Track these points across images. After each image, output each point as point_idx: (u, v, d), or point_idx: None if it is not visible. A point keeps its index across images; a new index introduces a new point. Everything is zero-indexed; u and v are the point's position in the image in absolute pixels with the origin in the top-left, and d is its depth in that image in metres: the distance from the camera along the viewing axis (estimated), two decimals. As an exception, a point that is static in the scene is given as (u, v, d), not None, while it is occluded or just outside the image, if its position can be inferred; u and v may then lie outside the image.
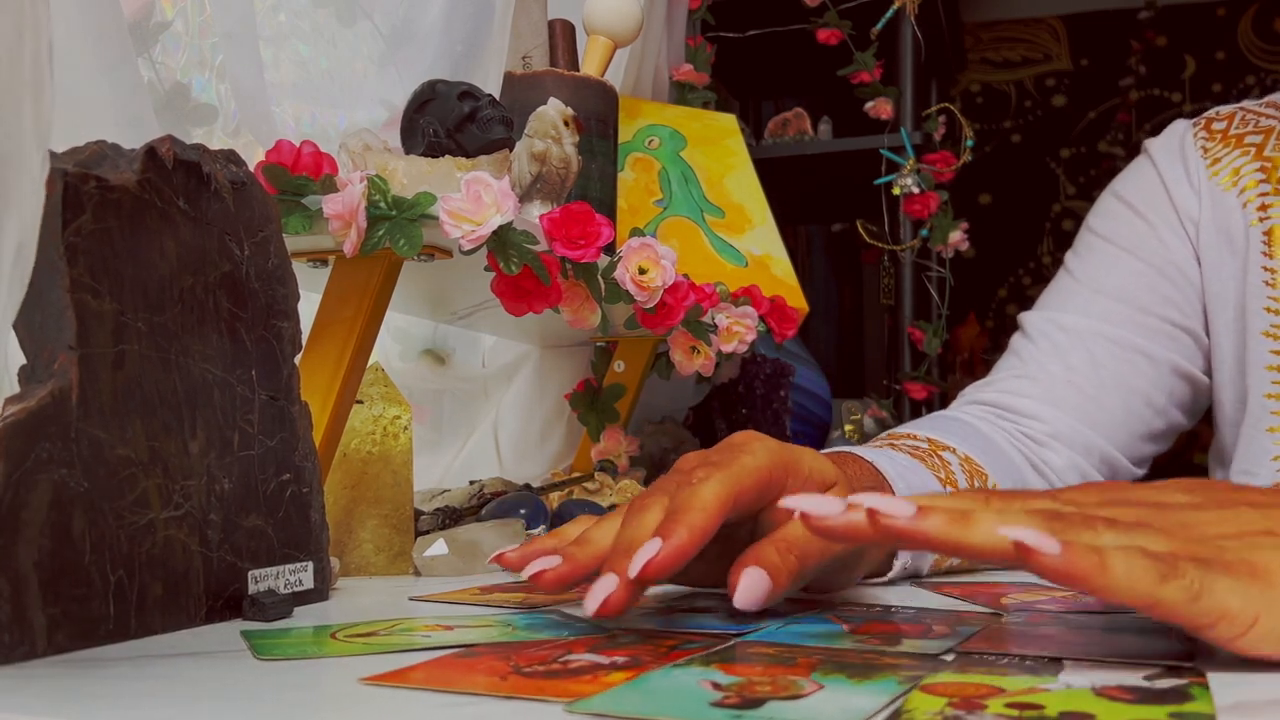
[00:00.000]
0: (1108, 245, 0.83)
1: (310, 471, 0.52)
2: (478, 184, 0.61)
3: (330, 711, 0.32)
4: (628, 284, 0.75)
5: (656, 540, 0.40)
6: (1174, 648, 0.39)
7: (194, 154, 0.47)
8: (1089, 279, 0.83)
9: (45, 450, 0.39)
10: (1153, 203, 0.82)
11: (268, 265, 0.50)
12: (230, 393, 0.47)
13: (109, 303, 0.42)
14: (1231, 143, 0.82)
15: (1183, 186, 0.81)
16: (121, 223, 0.43)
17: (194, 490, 0.45)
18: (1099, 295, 0.82)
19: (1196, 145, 0.82)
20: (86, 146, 0.44)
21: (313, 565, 0.51)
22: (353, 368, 0.63)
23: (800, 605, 0.50)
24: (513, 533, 0.68)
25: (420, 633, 0.42)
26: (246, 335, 0.49)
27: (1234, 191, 0.79)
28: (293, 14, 0.89)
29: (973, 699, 0.31)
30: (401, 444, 0.66)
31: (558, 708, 0.31)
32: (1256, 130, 0.81)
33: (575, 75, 0.85)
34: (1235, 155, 0.81)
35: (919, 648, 0.39)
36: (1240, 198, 0.79)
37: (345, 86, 0.92)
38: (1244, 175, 0.80)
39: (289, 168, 0.61)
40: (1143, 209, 0.83)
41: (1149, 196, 0.83)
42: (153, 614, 0.43)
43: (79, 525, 0.40)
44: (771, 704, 0.31)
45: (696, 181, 1.16)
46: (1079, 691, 0.32)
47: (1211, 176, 0.81)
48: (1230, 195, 0.79)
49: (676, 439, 1.12)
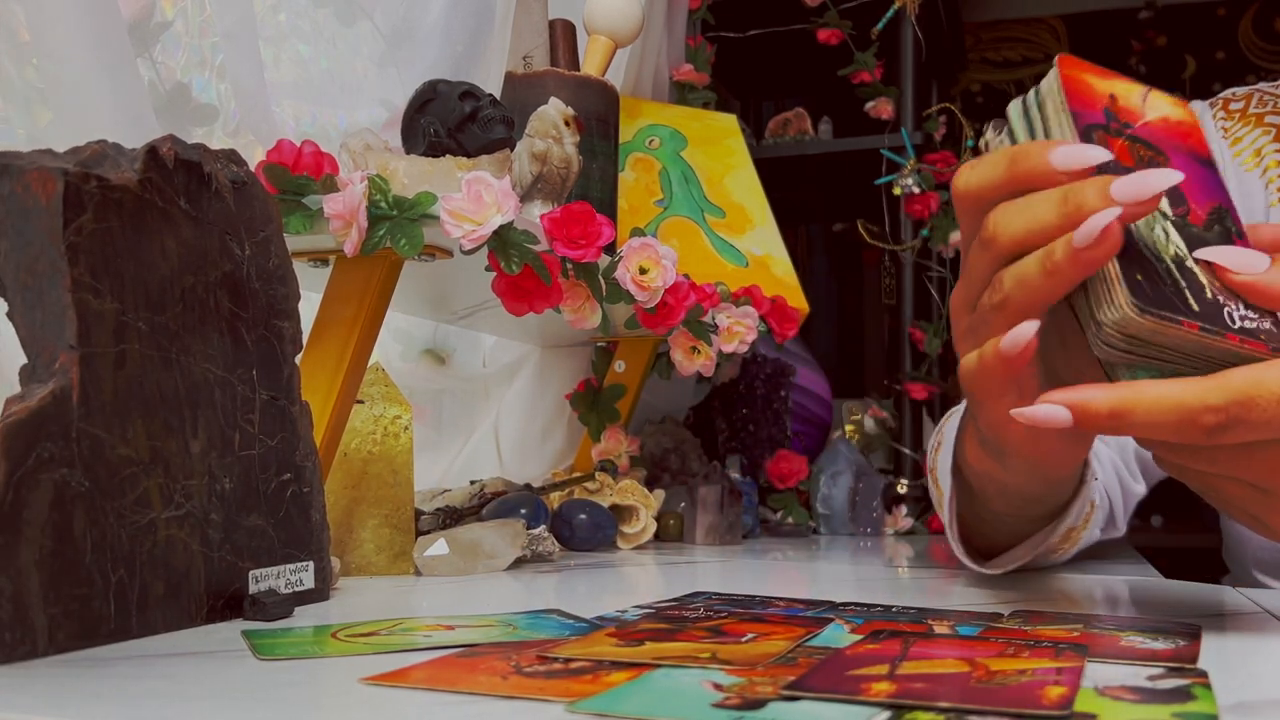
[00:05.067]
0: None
1: (311, 471, 0.51)
2: (478, 184, 0.61)
3: (331, 711, 0.32)
4: (628, 284, 0.75)
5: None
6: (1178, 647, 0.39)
7: (195, 154, 0.47)
8: None
9: (46, 450, 0.39)
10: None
11: (268, 265, 0.50)
12: (231, 392, 0.47)
13: (110, 302, 0.42)
14: (1251, 121, 0.80)
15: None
16: (123, 222, 0.43)
17: (195, 490, 0.45)
18: None
19: (1217, 126, 0.81)
20: (87, 146, 0.44)
21: (313, 565, 0.51)
22: (353, 367, 0.63)
23: (804, 604, 0.50)
24: (513, 533, 0.68)
25: (421, 632, 0.42)
26: (247, 335, 0.49)
27: (1257, 172, 0.78)
28: (293, 14, 0.89)
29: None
30: (402, 444, 0.66)
31: (559, 707, 0.30)
32: (1276, 111, 0.80)
33: (576, 75, 0.85)
34: (1257, 135, 0.79)
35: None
36: (1263, 178, 0.78)
37: (346, 86, 0.92)
38: (1265, 155, 0.78)
39: (290, 167, 0.61)
40: None
41: None
42: (154, 614, 0.43)
43: (80, 525, 0.40)
44: (773, 705, 0.30)
45: (697, 181, 1.16)
46: (1082, 691, 0.32)
47: (1234, 157, 0.79)
48: (1254, 175, 0.78)
49: (677, 439, 1.12)
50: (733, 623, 0.44)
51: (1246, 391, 0.37)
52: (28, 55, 0.66)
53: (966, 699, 0.30)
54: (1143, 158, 0.44)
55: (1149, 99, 0.46)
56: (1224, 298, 0.41)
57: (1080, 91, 0.44)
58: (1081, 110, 0.43)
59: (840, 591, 0.56)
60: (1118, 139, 0.43)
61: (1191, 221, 0.43)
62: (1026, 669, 0.34)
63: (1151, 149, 0.44)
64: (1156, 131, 0.45)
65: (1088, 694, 0.32)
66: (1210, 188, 0.45)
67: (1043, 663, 0.35)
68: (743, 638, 0.40)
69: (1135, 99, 0.45)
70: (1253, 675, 0.37)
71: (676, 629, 0.42)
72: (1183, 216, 0.43)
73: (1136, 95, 0.46)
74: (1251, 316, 0.41)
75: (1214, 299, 0.41)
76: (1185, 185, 0.43)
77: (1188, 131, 0.46)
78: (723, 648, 0.38)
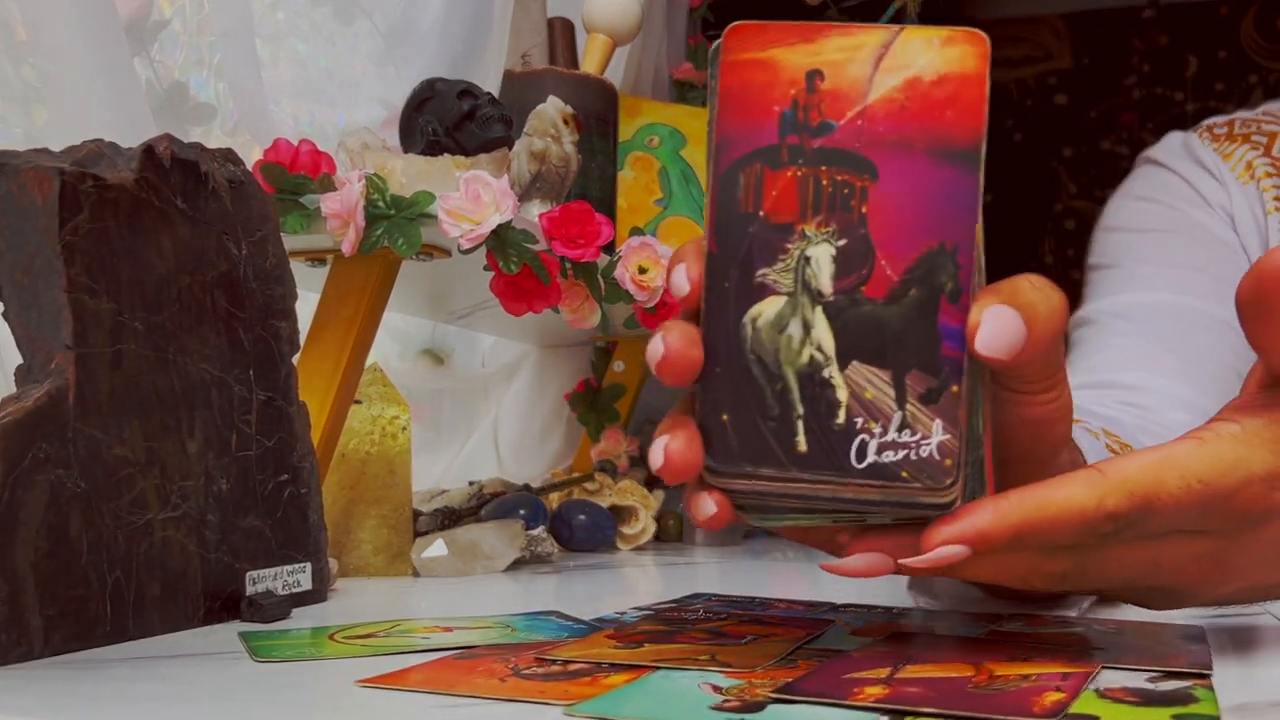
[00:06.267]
0: (1145, 235, 0.80)
1: (308, 472, 0.51)
2: (476, 183, 0.61)
3: (328, 713, 0.32)
4: (628, 283, 0.75)
5: None
6: (1182, 650, 0.38)
7: (192, 153, 0.47)
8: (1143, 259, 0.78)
9: (42, 450, 0.39)
10: (1178, 192, 0.80)
11: (265, 264, 0.50)
12: (228, 393, 0.47)
13: (106, 302, 0.42)
14: (1238, 140, 0.81)
15: (1206, 181, 0.80)
16: (119, 222, 0.43)
17: (191, 491, 0.45)
18: (1167, 268, 0.76)
19: (1205, 146, 0.82)
20: (84, 145, 0.44)
21: (311, 566, 0.51)
22: (351, 367, 0.63)
23: (804, 606, 0.49)
24: (512, 534, 0.68)
25: (419, 634, 0.42)
26: (244, 335, 0.48)
27: (1252, 186, 0.78)
28: (291, 12, 0.89)
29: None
30: (400, 444, 0.66)
31: (557, 710, 0.30)
32: (1260, 133, 0.81)
33: (575, 73, 0.85)
34: (1245, 150, 0.80)
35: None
36: (1258, 190, 0.78)
37: (344, 85, 0.92)
38: (1256, 168, 0.79)
39: (287, 166, 0.61)
40: (1167, 199, 0.80)
41: (1170, 188, 0.81)
42: (150, 615, 0.42)
43: (76, 526, 0.39)
44: (773, 707, 0.30)
45: (697, 180, 1.15)
46: (1083, 694, 0.32)
47: (1230, 170, 0.80)
48: (1250, 188, 0.78)
49: (677, 438, 1.11)
50: (732, 624, 0.44)
51: (1147, 495, 0.34)
52: (24, 54, 0.66)
53: (955, 704, 0.30)
54: (827, 188, 0.31)
55: (890, 57, 0.31)
56: (868, 416, 0.31)
57: (748, 89, 0.32)
58: (739, 129, 0.31)
59: (841, 593, 0.55)
60: (788, 170, 0.31)
61: (868, 294, 0.31)
62: (1031, 673, 0.34)
63: (851, 166, 0.31)
64: (875, 124, 0.31)
65: (1088, 696, 0.32)
66: (944, 209, 0.31)
67: (1051, 667, 0.34)
68: (742, 639, 0.40)
69: (858, 70, 0.31)
70: (1255, 676, 0.36)
71: (675, 631, 0.42)
72: (853, 289, 0.31)
73: (862, 63, 0.31)
74: (904, 441, 0.30)
75: (846, 424, 0.31)
76: (882, 228, 0.31)
77: (944, 100, 0.31)
78: (722, 649, 0.38)
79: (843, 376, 0.31)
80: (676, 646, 0.39)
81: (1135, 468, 0.34)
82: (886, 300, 0.31)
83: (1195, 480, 0.34)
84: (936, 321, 0.31)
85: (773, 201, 0.31)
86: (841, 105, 0.31)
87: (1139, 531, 0.35)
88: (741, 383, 0.31)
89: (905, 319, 0.31)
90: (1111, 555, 0.36)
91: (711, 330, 0.32)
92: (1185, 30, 2.68)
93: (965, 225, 0.31)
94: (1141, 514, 0.34)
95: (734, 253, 0.31)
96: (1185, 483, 0.34)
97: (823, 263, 0.31)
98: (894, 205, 0.31)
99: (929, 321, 0.31)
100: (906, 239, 0.31)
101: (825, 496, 0.31)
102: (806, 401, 0.31)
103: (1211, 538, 0.36)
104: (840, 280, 0.31)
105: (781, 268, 0.31)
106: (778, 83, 0.32)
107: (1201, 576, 0.37)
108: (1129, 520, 0.34)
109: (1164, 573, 0.37)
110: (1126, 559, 0.36)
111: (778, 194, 0.31)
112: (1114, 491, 0.33)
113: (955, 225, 0.31)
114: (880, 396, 0.31)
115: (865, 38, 0.31)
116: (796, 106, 0.31)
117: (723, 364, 0.31)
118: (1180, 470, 0.34)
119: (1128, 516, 0.34)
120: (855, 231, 0.31)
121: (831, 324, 0.31)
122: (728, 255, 0.31)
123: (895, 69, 0.31)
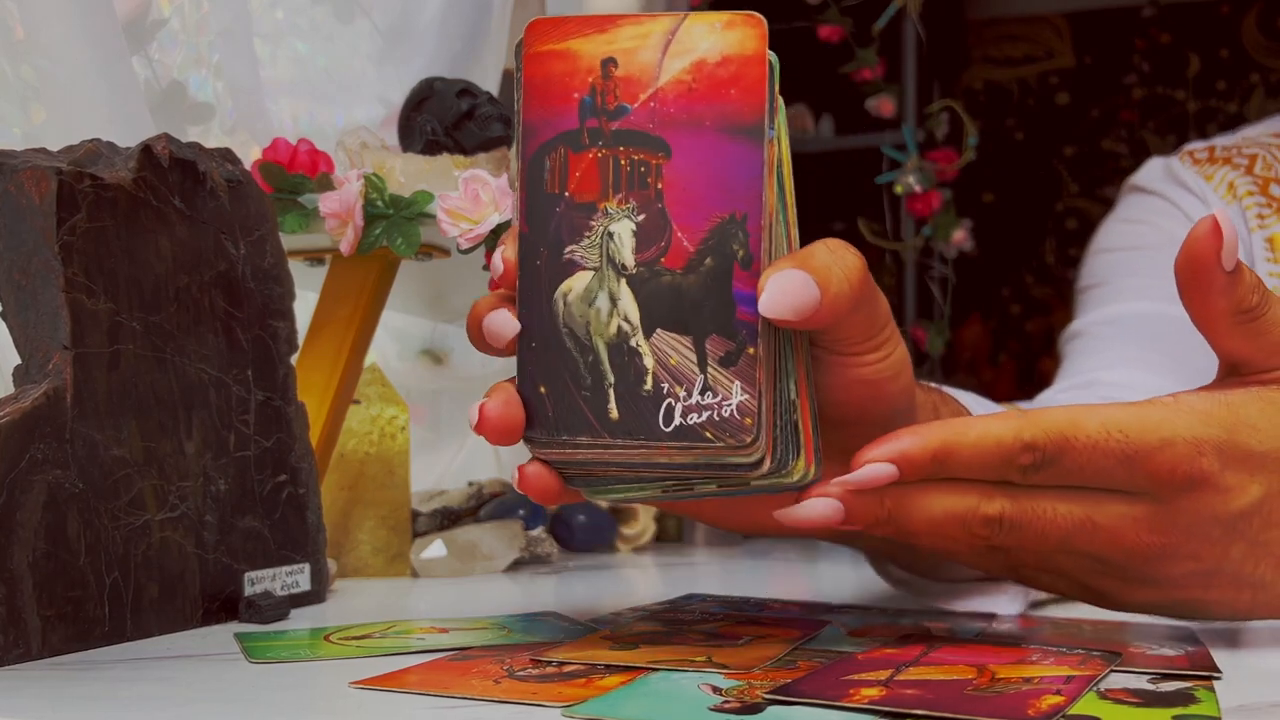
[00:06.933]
0: (1133, 252, 0.81)
1: (307, 472, 0.51)
2: (476, 182, 0.61)
3: (322, 715, 0.32)
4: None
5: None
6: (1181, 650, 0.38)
7: (190, 152, 0.47)
8: (1131, 273, 0.79)
9: (40, 451, 0.38)
10: (1163, 212, 0.81)
11: (264, 264, 0.50)
12: (226, 393, 0.47)
13: (104, 302, 0.41)
14: (1219, 162, 0.82)
15: (1190, 201, 0.81)
16: (117, 222, 0.42)
17: (189, 491, 0.45)
18: (1155, 280, 0.76)
19: (1187, 169, 0.83)
20: (81, 145, 0.44)
21: (309, 567, 0.51)
22: (350, 367, 0.63)
23: (801, 607, 0.49)
24: (511, 534, 0.68)
25: (415, 635, 0.42)
26: (242, 335, 0.48)
27: (1236, 206, 0.80)
28: (290, 11, 0.89)
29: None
30: (399, 444, 0.66)
31: (554, 712, 0.30)
32: (1241, 155, 0.82)
33: (575, 73, 0.85)
34: (1227, 170, 0.81)
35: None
36: (1241, 209, 0.79)
37: (343, 84, 0.92)
38: (1239, 187, 0.80)
39: (285, 166, 0.61)
40: (1153, 219, 0.81)
41: (1155, 210, 0.82)
42: (148, 616, 0.42)
43: (74, 526, 0.39)
44: (771, 709, 0.30)
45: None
46: (1084, 695, 0.32)
47: (1214, 190, 0.81)
48: (1234, 208, 0.80)
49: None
50: (729, 625, 0.44)
51: (1063, 432, 0.35)
52: (22, 53, 0.66)
53: (949, 707, 0.30)
54: (625, 167, 0.33)
55: (676, 43, 0.33)
56: (674, 381, 0.33)
57: (549, 79, 0.34)
58: (543, 115, 0.34)
59: (840, 594, 0.55)
60: (589, 152, 0.33)
61: (667, 265, 0.33)
62: (1034, 676, 0.33)
63: (646, 146, 0.33)
64: (666, 105, 0.33)
65: (1089, 698, 0.32)
66: (732, 182, 0.33)
67: (1057, 670, 0.34)
68: (739, 640, 0.40)
69: (648, 56, 0.33)
70: (1256, 677, 0.36)
71: (672, 632, 0.42)
72: (653, 261, 0.33)
73: (652, 49, 0.34)
74: (707, 403, 0.32)
75: (654, 389, 0.33)
76: (677, 202, 0.33)
77: (728, 79, 0.33)
78: (719, 651, 0.38)
79: (649, 344, 0.33)
80: (672, 648, 0.38)
81: (1056, 411, 0.36)
82: (685, 270, 0.33)
83: (1116, 429, 0.35)
84: (730, 288, 0.33)
85: (576, 182, 0.34)
86: (635, 89, 0.34)
87: (1062, 472, 0.36)
88: (556, 355, 0.34)
89: (702, 287, 0.33)
90: (1045, 504, 0.36)
91: (527, 307, 0.34)
92: (1187, 29, 2.67)
93: (754, 196, 0.33)
94: (1059, 450, 0.35)
95: (544, 232, 0.34)
96: (1105, 430, 0.35)
97: (624, 237, 0.33)
98: (687, 180, 0.33)
99: (723, 288, 0.33)
100: (699, 211, 0.33)
101: (640, 462, 0.33)
102: (617, 370, 0.33)
103: (1143, 502, 0.37)
104: (641, 253, 0.33)
105: (587, 244, 0.34)
106: (576, 71, 0.34)
107: (1140, 545, 0.37)
108: (1047, 455, 0.35)
109: (1102, 533, 0.37)
110: (1062, 510, 0.36)
111: (581, 175, 0.34)
112: (1031, 426, 0.35)
113: (744, 196, 0.33)
114: (684, 362, 0.33)
115: (653, 26, 0.34)
116: (594, 92, 0.34)
117: (538, 339, 0.34)
118: (1102, 419, 0.36)
119: (1044, 450, 0.35)
120: (653, 207, 0.33)
121: (636, 295, 0.33)
122: (538, 235, 0.34)
123: (682, 53, 0.34)
